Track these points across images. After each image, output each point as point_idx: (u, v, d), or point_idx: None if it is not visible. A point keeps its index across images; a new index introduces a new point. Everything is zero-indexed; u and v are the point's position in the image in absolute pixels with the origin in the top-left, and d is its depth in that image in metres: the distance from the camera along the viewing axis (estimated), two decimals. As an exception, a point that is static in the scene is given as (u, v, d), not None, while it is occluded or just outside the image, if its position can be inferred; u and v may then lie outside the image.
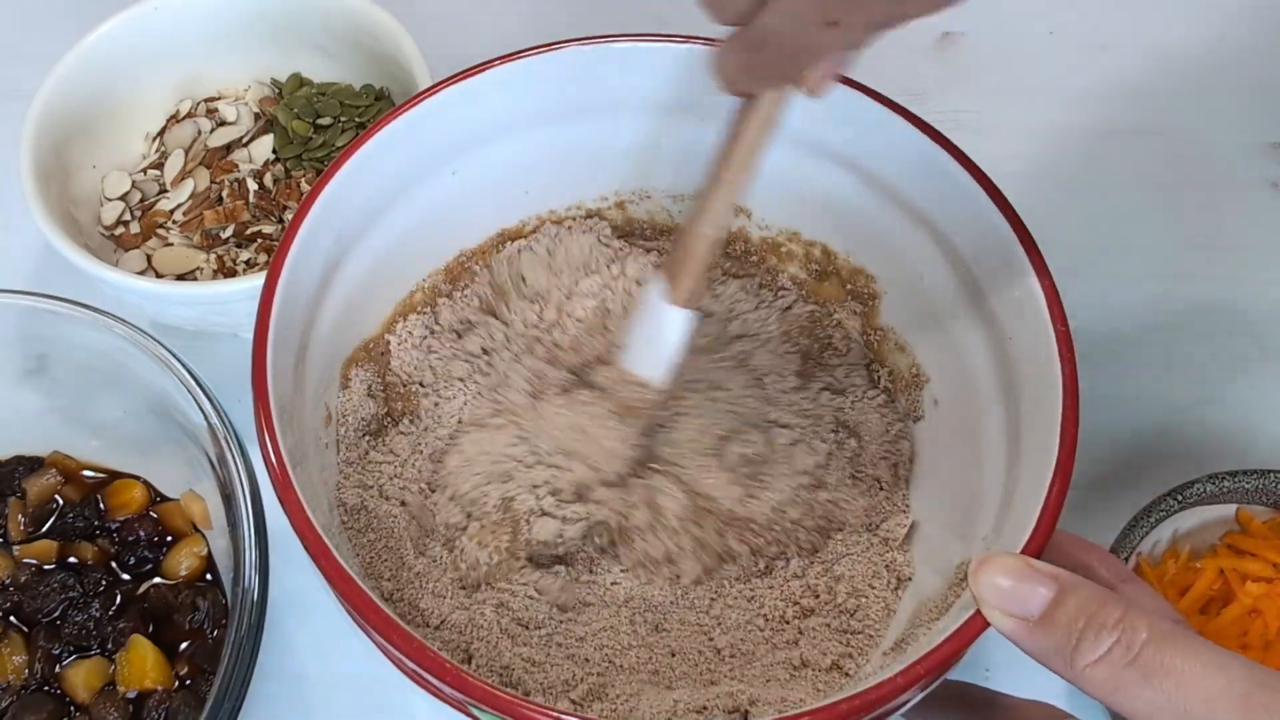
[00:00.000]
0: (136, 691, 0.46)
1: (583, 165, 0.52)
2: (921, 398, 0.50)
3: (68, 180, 0.59)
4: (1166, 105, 0.71)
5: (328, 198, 0.43)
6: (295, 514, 0.36)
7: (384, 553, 0.44)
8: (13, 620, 0.49)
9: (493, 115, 0.48)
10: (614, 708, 0.41)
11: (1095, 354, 0.60)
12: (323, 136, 0.62)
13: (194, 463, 0.49)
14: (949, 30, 0.74)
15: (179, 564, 0.50)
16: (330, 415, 0.46)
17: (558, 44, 0.47)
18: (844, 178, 0.48)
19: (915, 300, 0.49)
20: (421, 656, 0.34)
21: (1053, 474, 0.37)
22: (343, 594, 0.35)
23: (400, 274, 0.51)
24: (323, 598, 0.49)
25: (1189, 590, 0.49)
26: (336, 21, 0.63)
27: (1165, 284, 0.64)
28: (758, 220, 0.53)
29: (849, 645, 0.43)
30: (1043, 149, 0.66)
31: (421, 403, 0.49)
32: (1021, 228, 0.42)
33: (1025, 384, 0.42)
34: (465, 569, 0.45)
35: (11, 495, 0.52)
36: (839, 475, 0.49)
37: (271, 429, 0.38)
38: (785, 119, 0.40)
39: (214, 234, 0.59)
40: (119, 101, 0.63)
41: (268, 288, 0.41)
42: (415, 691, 0.37)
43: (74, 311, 0.49)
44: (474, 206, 0.52)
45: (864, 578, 0.45)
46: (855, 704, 0.33)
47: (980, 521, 0.43)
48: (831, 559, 0.47)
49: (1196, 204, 0.67)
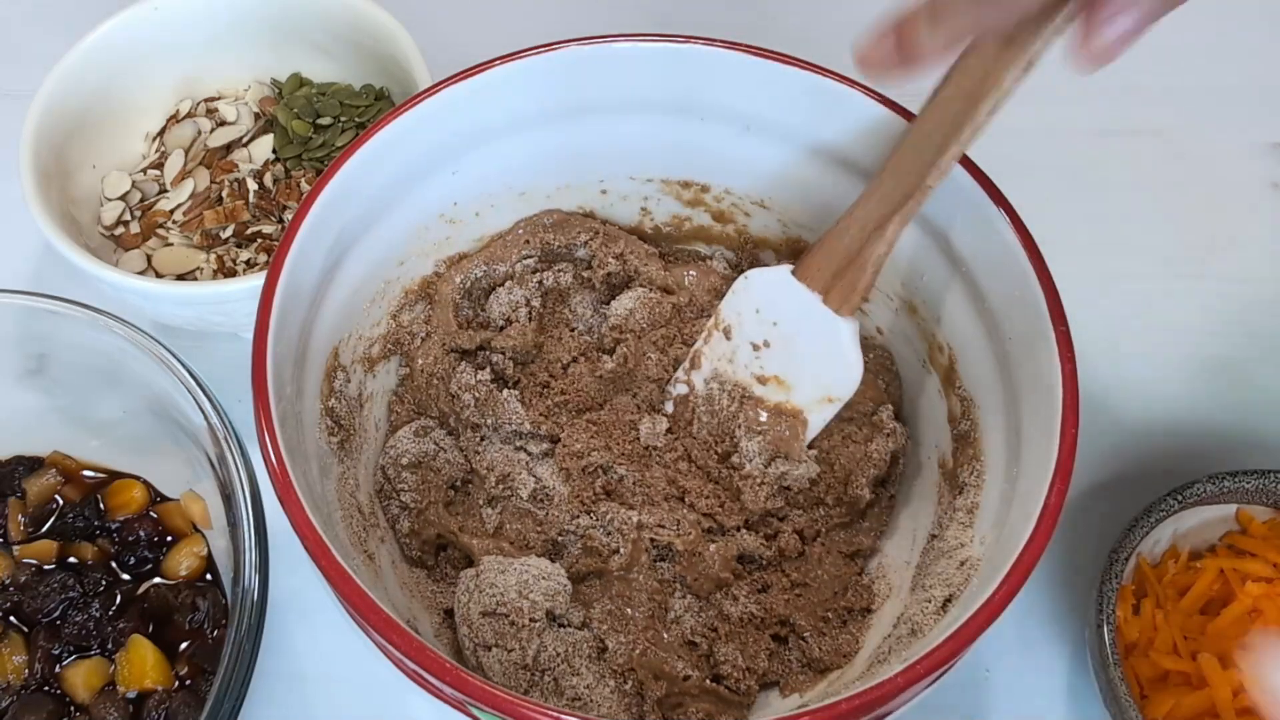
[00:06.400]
0: (136, 691, 0.46)
1: (583, 165, 0.52)
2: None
3: (68, 180, 0.59)
4: (1166, 105, 0.71)
5: (328, 198, 0.43)
6: (295, 514, 0.37)
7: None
8: (13, 620, 0.49)
9: (493, 115, 0.48)
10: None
11: (1096, 354, 0.60)
12: (323, 136, 0.62)
13: (194, 463, 0.49)
14: (949, 30, 0.74)
15: (179, 564, 0.50)
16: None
17: (558, 44, 0.47)
18: (844, 178, 0.48)
19: (915, 300, 0.49)
20: (421, 656, 0.34)
21: (1053, 474, 0.37)
22: (343, 594, 0.35)
23: (400, 274, 0.51)
24: (323, 598, 0.49)
25: (1189, 590, 0.49)
26: (336, 21, 0.63)
27: (1165, 284, 0.64)
28: (757, 219, 0.54)
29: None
30: (1043, 149, 0.66)
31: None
32: (1021, 228, 0.42)
33: (1025, 384, 0.42)
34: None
35: (11, 495, 0.52)
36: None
37: (271, 429, 0.38)
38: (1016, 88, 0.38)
39: (214, 234, 0.59)
40: (119, 101, 0.63)
41: (268, 288, 0.41)
42: (415, 691, 0.37)
43: (74, 311, 0.49)
44: (474, 206, 0.52)
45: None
46: (855, 704, 0.33)
47: (980, 520, 0.43)
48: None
49: (1196, 204, 0.67)
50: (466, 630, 0.44)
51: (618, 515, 0.47)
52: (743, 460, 0.48)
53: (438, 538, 0.49)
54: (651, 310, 0.52)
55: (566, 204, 0.54)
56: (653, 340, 0.52)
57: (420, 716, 0.50)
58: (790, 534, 0.48)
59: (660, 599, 0.46)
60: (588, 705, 0.43)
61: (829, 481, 0.48)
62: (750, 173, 0.52)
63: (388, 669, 0.38)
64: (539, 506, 0.49)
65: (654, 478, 0.49)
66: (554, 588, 0.44)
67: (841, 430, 0.49)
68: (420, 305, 0.52)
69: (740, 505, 0.48)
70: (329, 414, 0.46)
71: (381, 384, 0.51)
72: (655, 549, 0.47)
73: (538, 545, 0.48)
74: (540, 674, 0.43)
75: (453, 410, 0.50)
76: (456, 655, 0.45)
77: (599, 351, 0.52)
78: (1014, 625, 0.52)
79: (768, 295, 0.48)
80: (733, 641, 0.46)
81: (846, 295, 0.45)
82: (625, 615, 0.46)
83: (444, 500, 0.49)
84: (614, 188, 0.54)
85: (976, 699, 0.51)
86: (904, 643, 0.42)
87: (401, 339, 0.51)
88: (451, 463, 0.50)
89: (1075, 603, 0.53)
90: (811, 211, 0.51)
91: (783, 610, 0.47)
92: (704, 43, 0.47)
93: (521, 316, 0.52)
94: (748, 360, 0.49)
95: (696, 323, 0.52)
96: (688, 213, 0.55)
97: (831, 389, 0.47)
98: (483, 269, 0.52)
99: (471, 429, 0.50)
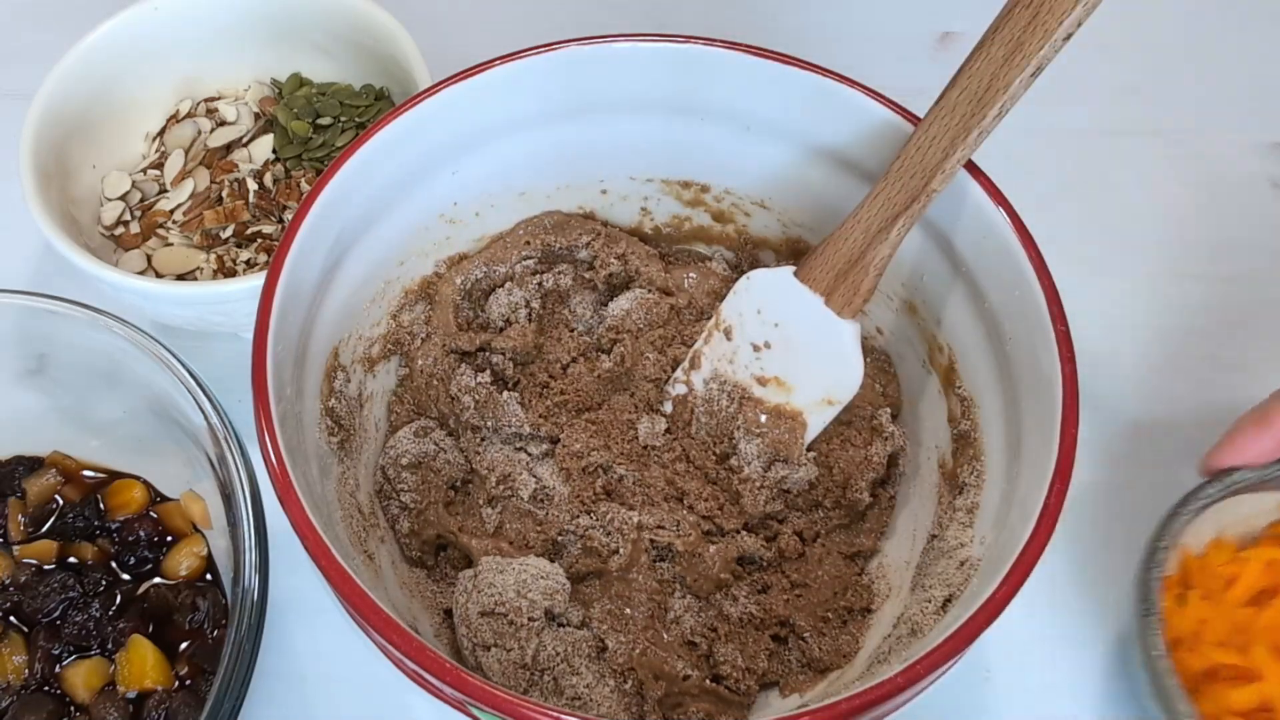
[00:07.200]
0: (136, 691, 0.46)
1: (583, 165, 0.52)
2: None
3: (68, 180, 0.59)
4: (1166, 105, 0.71)
5: (328, 198, 0.43)
6: (295, 514, 0.37)
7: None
8: (13, 620, 0.49)
9: (493, 115, 0.48)
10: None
11: (1096, 354, 0.60)
12: (323, 136, 0.62)
13: (194, 463, 0.49)
14: (949, 30, 0.74)
15: (179, 564, 0.50)
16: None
17: (558, 44, 0.47)
18: (844, 178, 0.48)
19: (915, 300, 0.49)
20: (421, 656, 0.34)
21: (1052, 474, 0.37)
22: (343, 594, 0.35)
23: (400, 274, 0.51)
24: (323, 598, 0.49)
25: (1236, 581, 0.48)
26: (336, 21, 0.63)
27: (1165, 284, 0.64)
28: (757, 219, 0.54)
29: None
30: (1043, 149, 0.66)
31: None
32: (1021, 227, 0.42)
33: (1025, 384, 0.42)
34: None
35: (11, 495, 0.52)
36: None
37: (271, 429, 0.38)
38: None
39: (214, 234, 0.59)
40: (119, 101, 0.63)
41: (268, 288, 0.41)
42: (415, 692, 0.37)
43: (74, 311, 0.49)
44: (474, 206, 0.52)
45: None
46: (855, 704, 0.33)
47: (980, 520, 0.43)
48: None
49: (1196, 204, 0.67)
50: (465, 630, 0.44)
51: (618, 515, 0.47)
52: (741, 463, 0.48)
53: (437, 538, 0.49)
54: (649, 310, 0.52)
55: (566, 204, 0.54)
56: (650, 340, 0.52)
57: (420, 717, 0.50)
58: (790, 535, 0.48)
59: (660, 599, 0.46)
60: (587, 705, 0.43)
61: (827, 485, 0.48)
62: (750, 173, 0.52)
63: (388, 669, 0.38)
64: (539, 507, 0.49)
65: (653, 478, 0.49)
66: (552, 587, 0.44)
67: (840, 434, 0.49)
68: (420, 305, 0.52)
69: (740, 508, 0.48)
70: (329, 414, 0.46)
71: (381, 384, 0.51)
72: (655, 549, 0.47)
73: (537, 545, 0.48)
74: (540, 673, 0.43)
75: (453, 411, 0.50)
76: (456, 655, 0.45)
77: (597, 351, 0.52)
78: (1014, 625, 0.52)
79: (770, 296, 0.48)
80: (732, 641, 0.46)
81: (849, 297, 0.45)
82: (625, 615, 0.46)
83: (444, 500, 0.49)
84: (614, 188, 0.54)
85: (976, 699, 0.51)
86: (904, 643, 0.42)
87: (401, 339, 0.51)
88: (451, 463, 0.50)
89: (1075, 602, 0.53)
90: (811, 211, 0.51)
91: (782, 610, 0.47)
92: (704, 43, 0.47)
93: (521, 318, 0.52)
94: (748, 361, 0.49)
95: (695, 324, 0.52)
96: (688, 213, 0.55)
97: (832, 391, 0.47)
98: (483, 270, 0.52)
99: (472, 430, 0.50)
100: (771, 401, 0.48)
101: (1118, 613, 0.52)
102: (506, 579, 0.44)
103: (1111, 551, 0.54)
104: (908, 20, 0.75)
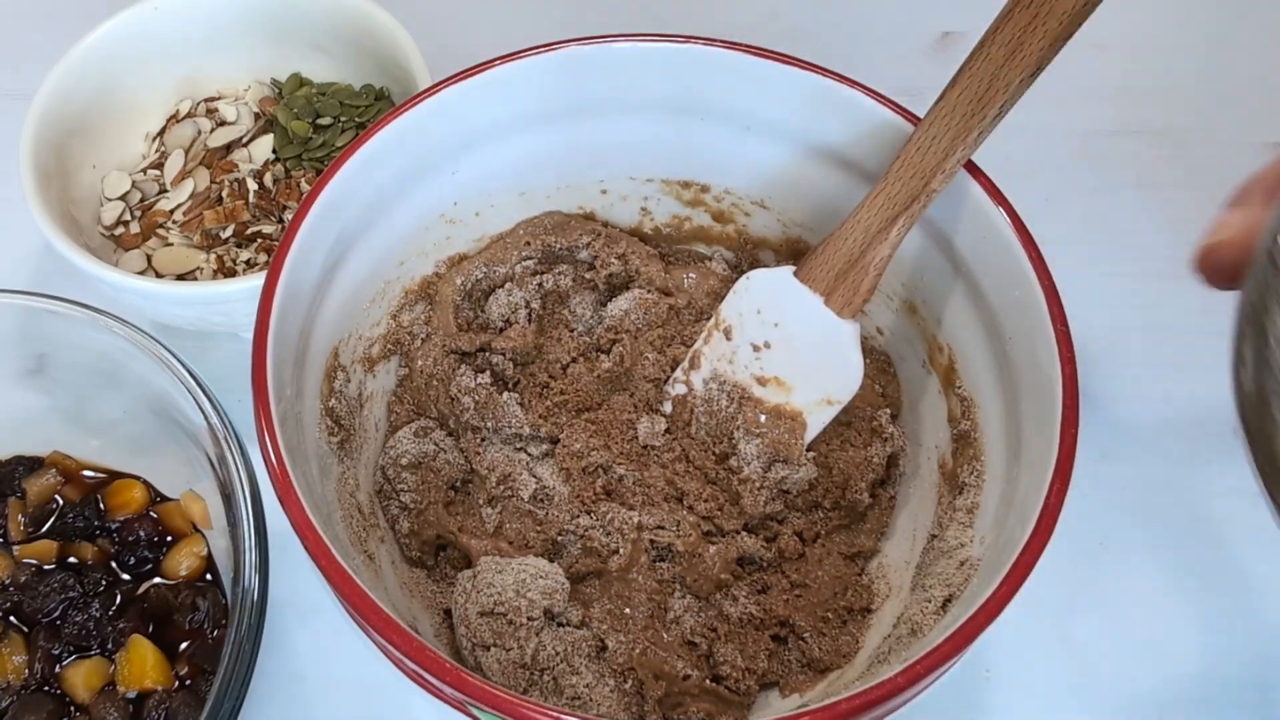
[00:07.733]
0: (136, 691, 0.46)
1: (583, 165, 0.52)
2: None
3: (68, 180, 0.59)
4: (1166, 105, 0.71)
5: (328, 198, 0.43)
6: (295, 514, 0.37)
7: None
8: (13, 620, 0.49)
9: (493, 115, 0.48)
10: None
11: (1096, 354, 0.60)
12: (323, 136, 0.62)
13: (194, 463, 0.49)
14: (949, 30, 0.74)
15: (179, 564, 0.50)
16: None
17: (558, 44, 0.47)
18: (844, 178, 0.48)
19: (915, 300, 0.49)
20: (421, 657, 0.34)
21: (1052, 474, 0.37)
22: (343, 594, 0.35)
23: (400, 274, 0.51)
24: (323, 598, 0.49)
25: None
26: (336, 21, 0.63)
27: (1166, 284, 0.64)
28: (757, 219, 0.54)
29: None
30: (1043, 149, 0.66)
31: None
32: (1021, 227, 0.42)
33: (1025, 384, 0.42)
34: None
35: (11, 495, 0.52)
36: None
37: (271, 429, 0.38)
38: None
39: (214, 234, 0.59)
40: (119, 101, 0.63)
41: (268, 288, 0.41)
42: (415, 692, 0.37)
43: (74, 311, 0.49)
44: (474, 206, 0.52)
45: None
46: (855, 704, 0.33)
47: (980, 520, 0.43)
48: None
49: (1196, 204, 0.67)
50: (464, 630, 0.44)
51: (618, 515, 0.47)
52: (741, 463, 0.48)
53: (437, 538, 0.49)
54: (648, 310, 0.52)
55: (567, 204, 0.54)
56: (650, 340, 0.52)
57: (420, 717, 0.50)
58: (790, 535, 0.48)
59: (660, 599, 0.46)
60: (587, 705, 0.43)
61: (827, 485, 0.48)
62: (750, 173, 0.52)
63: (388, 669, 0.38)
64: (539, 507, 0.49)
65: (653, 478, 0.49)
66: (551, 586, 0.44)
67: (840, 434, 0.49)
68: (420, 305, 0.52)
69: (739, 508, 0.48)
70: (329, 414, 0.46)
71: (381, 384, 0.51)
72: (655, 549, 0.47)
73: (537, 545, 0.48)
74: (539, 673, 0.43)
75: (453, 412, 0.50)
76: (456, 655, 0.45)
77: (597, 351, 0.52)
78: (1014, 625, 0.52)
79: (769, 296, 0.48)
80: (732, 641, 0.46)
81: (849, 298, 0.45)
82: (625, 615, 0.46)
83: (444, 500, 0.49)
84: (614, 188, 0.54)
85: (976, 699, 0.51)
86: (904, 643, 0.42)
87: (401, 339, 0.51)
88: (451, 463, 0.50)
89: (1075, 602, 0.53)
90: (811, 211, 0.51)
91: (782, 611, 0.47)
92: (704, 43, 0.47)
93: (521, 318, 0.52)
94: (748, 361, 0.49)
95: (695, 325, 0.52)
96: (688, 213, 0.55)
97: (832, 391, 0.47)
98: (483, 270, 0.52)
99: (472, 430, 0.50)
100: (771, 401, 0.48)
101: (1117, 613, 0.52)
102: (506, 579, 0.44)
103: (1111, 551, 0.54)
104: (908, 20, 0.75)
